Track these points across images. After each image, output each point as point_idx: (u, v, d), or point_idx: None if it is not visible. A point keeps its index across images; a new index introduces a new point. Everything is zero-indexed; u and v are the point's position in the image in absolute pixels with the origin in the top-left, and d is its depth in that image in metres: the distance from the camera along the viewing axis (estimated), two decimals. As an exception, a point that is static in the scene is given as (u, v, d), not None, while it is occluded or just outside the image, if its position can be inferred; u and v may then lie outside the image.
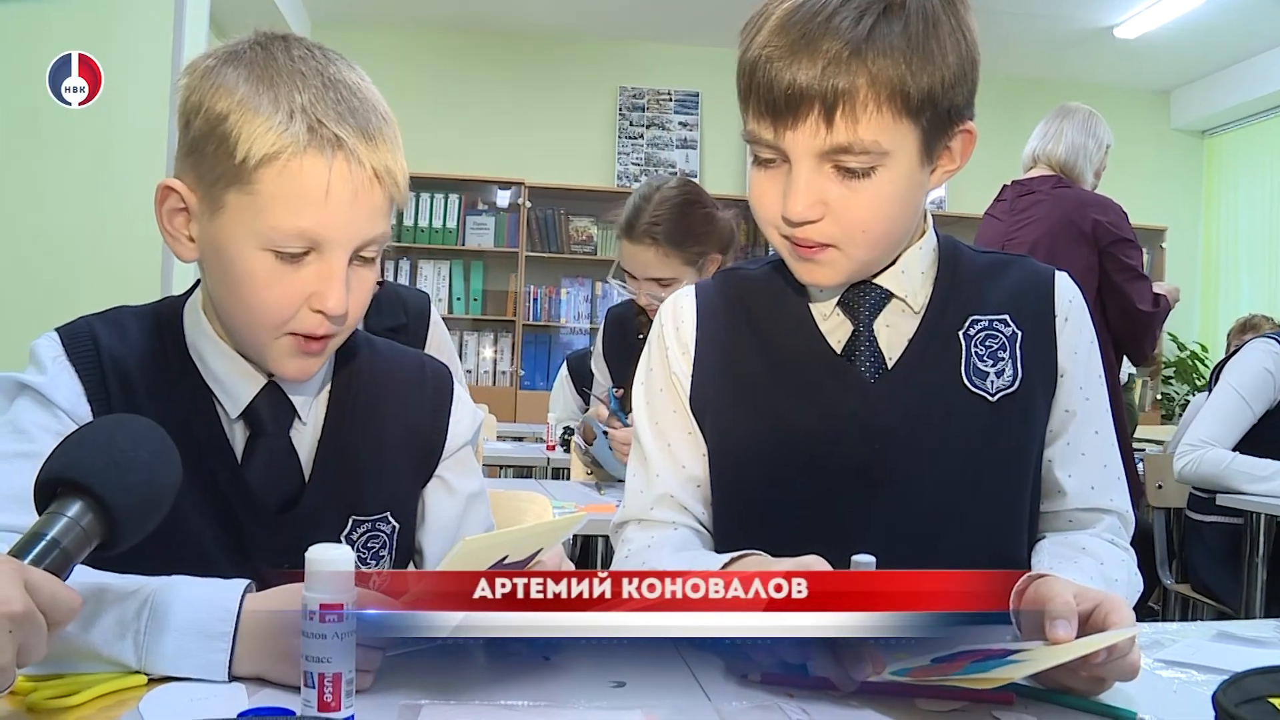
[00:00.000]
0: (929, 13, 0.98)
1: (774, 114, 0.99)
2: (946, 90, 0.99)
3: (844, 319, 1.11)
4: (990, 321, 1.11)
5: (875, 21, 0.96)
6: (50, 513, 0.69)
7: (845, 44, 0.96)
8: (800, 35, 0.97)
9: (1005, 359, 1.09)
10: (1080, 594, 0.85)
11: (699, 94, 6.53)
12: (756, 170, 1.05)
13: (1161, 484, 3.05)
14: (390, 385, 1.08)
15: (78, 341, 0.97)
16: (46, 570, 0.66)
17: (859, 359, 1.09)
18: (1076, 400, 1.12)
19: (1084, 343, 1.14)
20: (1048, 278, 1.15)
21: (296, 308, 0.93)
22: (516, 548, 0.84)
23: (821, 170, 1.00)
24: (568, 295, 6.33)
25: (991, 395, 1.08)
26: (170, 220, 0.96)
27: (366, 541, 1.04)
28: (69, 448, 0.71)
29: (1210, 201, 6.94)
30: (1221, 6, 5.38)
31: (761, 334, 1.13)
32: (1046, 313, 1.13)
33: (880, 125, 0.97)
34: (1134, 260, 3.01)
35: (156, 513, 0.73)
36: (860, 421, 1.07)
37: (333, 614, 0.68)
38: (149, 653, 0.77)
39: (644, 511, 1.15)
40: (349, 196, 0.90)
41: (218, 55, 0.94)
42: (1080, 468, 1.12)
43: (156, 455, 0.74)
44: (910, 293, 1.10)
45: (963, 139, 1.05)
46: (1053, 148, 3.08)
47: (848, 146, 0.97)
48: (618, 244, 2.22)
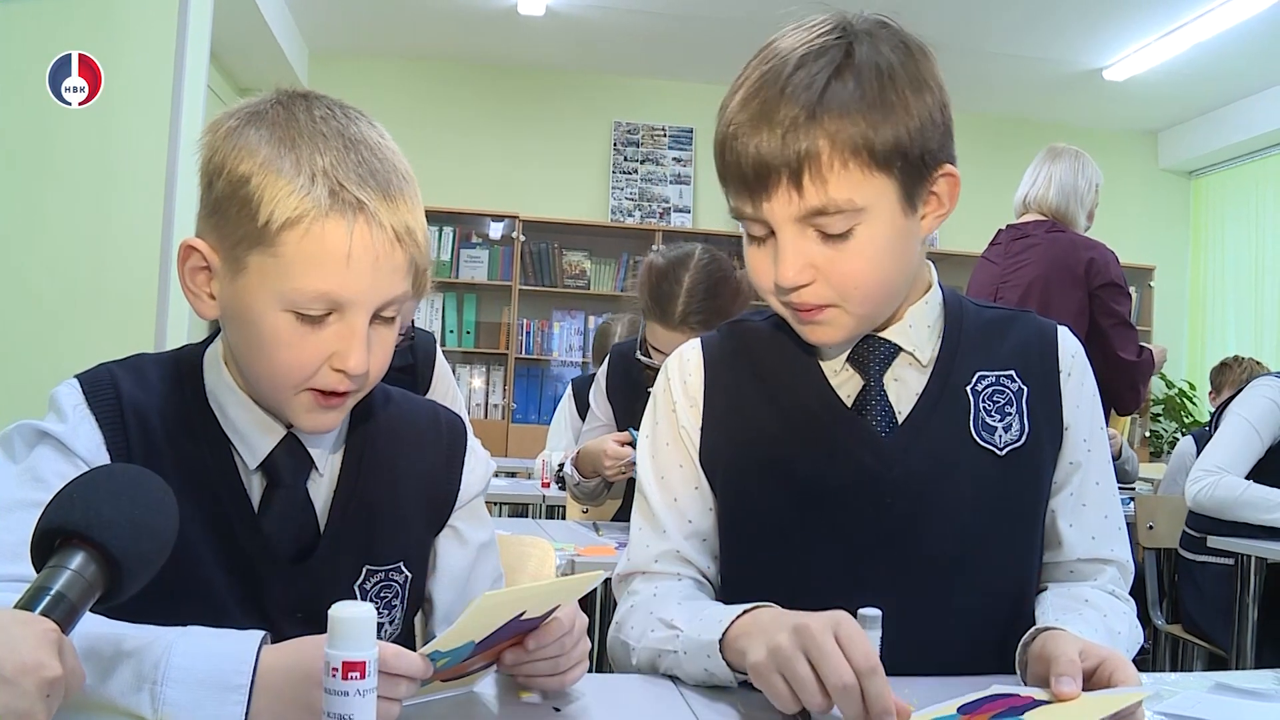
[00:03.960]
0: (883, 67, 0.99)
1: (748, 188, 1.01)
2: (914, 138, 0.99)
3: (853, 374, 1.12)
4: (997, 377, 1.12)
5: (827, 83, 0.98)
6: (52, 566, 0.69)
7: (801, 109, 0.97)
8: (760, 106, 1.00)
9: (1012, 414, 1.11)
10: (1085, 650, 0.86)
11: (693, 130, 6.58)
12: (750, 247, 1.08)
13: (1153, 524, 3.06)
14: (405, 436, 1.09)
15: (99, 390, 0.97)
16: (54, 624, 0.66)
17: (870, 413, 1.10)
18: (1080, 452, 1.14)
19: (1086, 396, 1.16)
20: (1051, 334, 1.17)
21: (317, 367, 0.93)
22: (535, 604, 0.85)
23: (805, 235, 1.01)
24: (560, 328, 6.35)
25: (1000, 450, 1.09)
26: (192, 278, 0.96)
27: (380, 591, 1.04)
28: (68, 499, 0.71)
29: (1197, 241, 7.01)
30: (1209, 51, 5.46)
31: (770, 387, 1.14)
32: (1051, 369, 1.14)
33: (850, 183, 0.98)
34: (1121, 306, 3.03)
35: (158, 561, 0.73)
36: (873, 475, 1.08)
37: (355, 671, 0.69)
38: (165, 704, 0.77)
39: (648, 564, 1.15)
40: (370, 260, 0.91)
41: (240, 115, 0.94)
42: (1082, 519, 1.14)
43: (156, 503, 0.74)
44: (917, 346, 1.11)
45: (946, 182, 1.05)
46: (1043, 193, 3.11)
47: (822, 208, 0.99)
48: (645, 322, 2.20)
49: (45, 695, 0.62)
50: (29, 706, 0.61)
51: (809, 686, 0.82)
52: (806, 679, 0.82)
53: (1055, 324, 1.19)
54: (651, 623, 1.07)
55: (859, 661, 0.80)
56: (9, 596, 0.83)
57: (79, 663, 0.67)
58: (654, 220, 6.46)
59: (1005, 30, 5.34)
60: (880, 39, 1.02)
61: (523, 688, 0.95)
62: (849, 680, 0.80)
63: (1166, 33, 5.33)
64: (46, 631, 0.64)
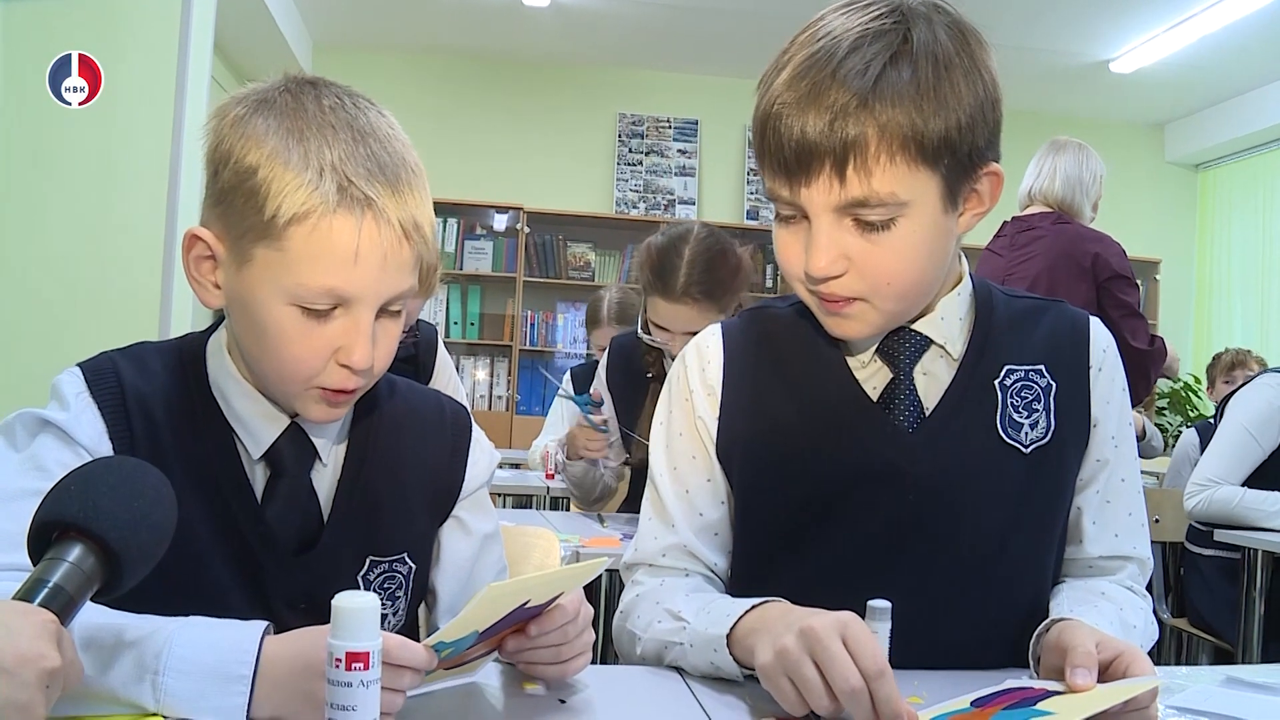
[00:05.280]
0: (940, 55, 0.96)
1: (787, 171, 0.98)
2: (964, 133, 0.96)
3: (882, 366, 1.09)
4: (1026, 372, 1.09)
5: (882, 69, 0.94)
6: (50, 558, 0.68)
7: (852, 95, 0.93)
8: (809, 88, 0.95)
9: (1040, 410, 1.08)
10: (1102, 643, 0.86)
11: (698, 121, 6.56)
12: (779, 226, 1.04)
13: (1159, 518, 3.05)
14: (409, 426, 1.08)
15: (101, 378, 0.96)
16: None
17: (897, 407, 1.07)
18: (1108, 449, 1.12)
19: (1116, 391, 1.13)
20: (1083, 326, 1.14)
21: (323, 362, 0.92)
22: (539, 593, 0.85)
23: (841, 224, 0.98)
24: (565, 320, 6.35)
25: (1025, 447, 1.07)
26: (197, 267, 0.95)
27: (383, 582, 1.03)
28: (65, 490, 0.70)
29: (1204, 234, 6.99)
30: (1216, 43, 5.44)
31: (793, 377, 1.11)
32: (1081, 363, 1.11)
33: (895, 176, 0.95)
34: (1130, 297, 3.01)
35: (156, 554, 0.73)
36: (897, 470, 1.05)
37: (359, 662, 0.69)
38: (167, 695, 0.77)
39: (655, 557, 1.14)
40: (378, 257, 0.89)
41: (247, 102, 0.92)
42: (1106, 516, 1.12)
43: (155, 495, 0.73)
44: (949, 339, 1.08)
45: (990, 180, 1.02)
46: (1048, 185, 3.10)
47: (864, 200, 0.95)
48: (646, 299, 2.21)
49: (44, 686, 0.62)
50: (28, 697, 0.61)
51: (816, 690, 0.80)
52: (814, 683, 0.80)
53: (1088, 315, 1.15)
54: (658, 613, 1.06)
55: (867, 665, 0.79)
56: (10, 586, 0.83)
57: (77, 655, 0.66)
58: (658, 212, 6.44)
59: (1012, 22, 5.31)
60: (936, 23, 0.97)
61: (527, 678, 0.94)
62: (857, 684, 0.78)
63: (1173, 25, 5.31)
64: (45, 623, 0.64)
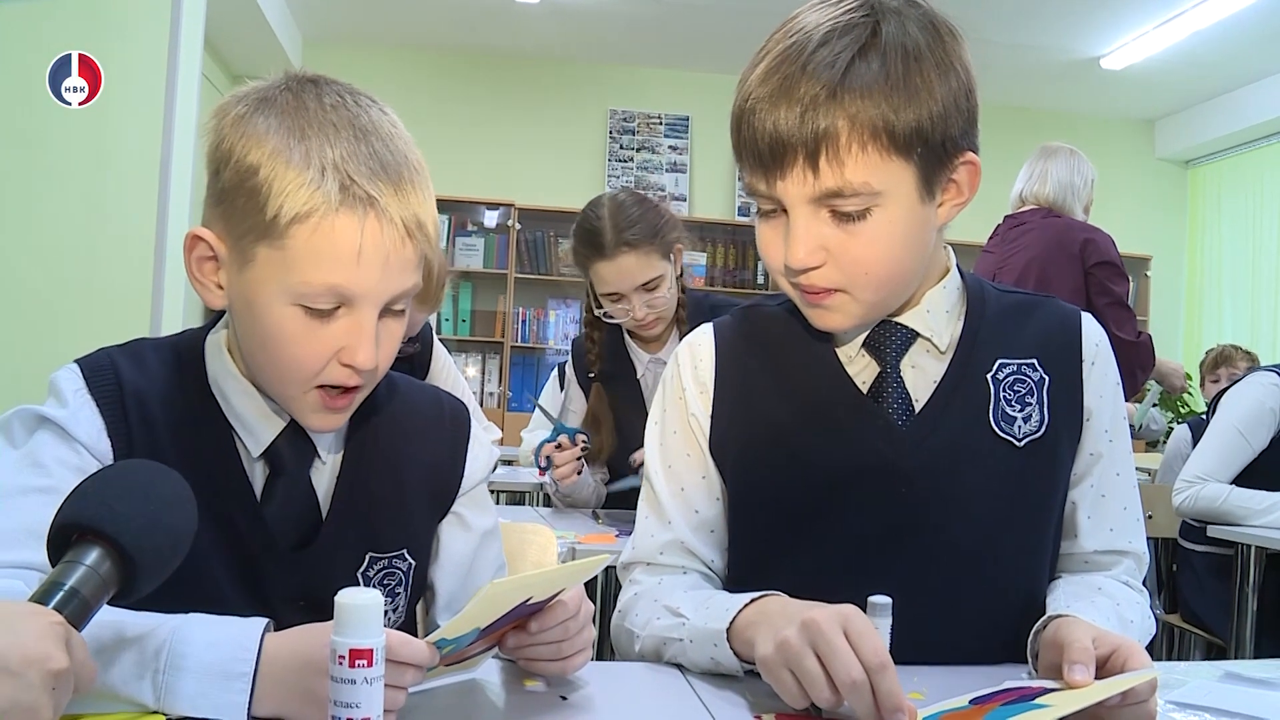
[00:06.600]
0: (910, 48, 0.97)
1: (763, 164, 0.99)
2: (937, 123, 0.96)
3: (870, 360, 1.10)
4: (1019, 366, 1.10)
5: (851, 61, 0.95)
6: (67, 561, 0.68)
7: (822, 87, 0.95)
8: (780, 82, 0.97)
9: (1033, 404, 1.09)
10: (1099, 638, 0.86)
11: (689, 118, 6.56)
12: (760, 221, 1.05)
13: (1151, 514, 3.06)
14: (408, 422, 1.08)
15: (99, 375, 0.95)
16: (66, 619, 0.65)
17: (886, 401, 1.08)
18: (1101, 443, 1.12)
19: (1109, 385, 1.14)
20: (1075, 321, 1.14)
21: (326, 362, 0.92)
22: (540, 589, 0.85)
23: (817, 216, 0.99)
24: (556, 317, 6.34)
25: (1018, 441, 1.08)
26: (199, 268, 0.94)
27: (383, 579, 1.03)
28: (86, 493, 0.70)
29: (1194, 231, 7.01)
30: (1206, 40, 5.46)
31: (784, 373, 1.12)
32: (1074, 357, 1.12)
33: (868, 166, 0.96)
34: (1117, 287, 3.03)
35: (174, 560, 0.72)
36: (888, 464, 1.06)
37: (362, 659, 0.68)
38: (168, 692, 0.77)
39: (653, 555, 1.14)
40: (381, 256, 0.89)
41: (248, 101, 0.91)
42: (1101, 510, 1.13)
43: (175, 502, 0.73)
44: (935, 332, 1.09)
45: (967, 170, 1.02)
46: (1040, 187, 3.13)
47: (838, 190, 0.96)
48: (590, 274, 2.20)
49: (51, 688, 0.61)
50: (34, 699, 0.60)
51: (818, 683, 0.81)
52: (815, 675, 0.81)
53: (1079, 310, 1.16)
54: (657, 610, 1.06)
55: (869, 657, 0.79)
56: (10, 583, 0.82)
57: (89, 657, 0.66)
58: (650, 209, 6.43)
59: (1002, 18, 5.32)
60: (908, 18, 0.99)
61: (527, 675, 0.94)
62: (859, 677, 0.78)
63: (1164, 21, 5.32)
64: (53, 624, 0.63)
